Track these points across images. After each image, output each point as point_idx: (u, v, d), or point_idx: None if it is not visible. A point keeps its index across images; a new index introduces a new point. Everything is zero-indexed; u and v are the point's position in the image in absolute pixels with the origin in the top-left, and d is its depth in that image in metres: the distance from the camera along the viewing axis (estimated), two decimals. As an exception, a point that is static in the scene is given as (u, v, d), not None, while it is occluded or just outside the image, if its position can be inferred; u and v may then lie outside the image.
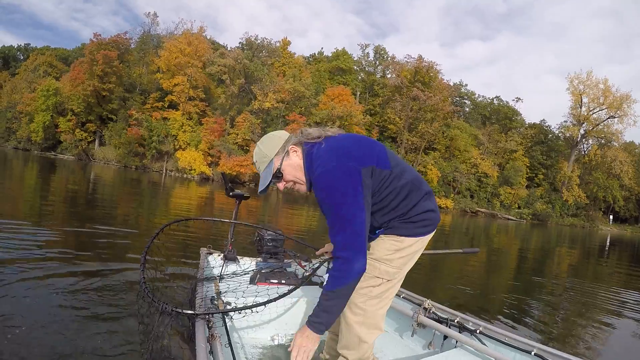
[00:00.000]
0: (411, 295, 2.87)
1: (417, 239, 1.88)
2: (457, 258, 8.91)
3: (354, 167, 1.69)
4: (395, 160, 1.87)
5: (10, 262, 4.21)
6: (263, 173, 1.89)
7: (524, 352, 2.19)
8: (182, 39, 44.48)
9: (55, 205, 9.71)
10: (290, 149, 1.87)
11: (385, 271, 1.88)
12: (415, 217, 1.84)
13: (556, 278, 8.76)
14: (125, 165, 42.17)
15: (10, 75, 59.51)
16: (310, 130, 1.88)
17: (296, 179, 1.89)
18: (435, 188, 44.66)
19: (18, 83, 54.48)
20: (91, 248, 5.30)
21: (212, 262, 3.58)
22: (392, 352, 2.65)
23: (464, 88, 60.77)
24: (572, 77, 52.06)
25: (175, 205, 14.27)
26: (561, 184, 52.28)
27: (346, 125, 41.00)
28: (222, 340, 1.94)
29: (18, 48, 74.16)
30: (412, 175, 1.88)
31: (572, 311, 5.63)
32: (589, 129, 52.58)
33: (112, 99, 45.82)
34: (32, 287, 3.53)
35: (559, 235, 29.32)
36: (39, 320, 2.90)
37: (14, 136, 51.75)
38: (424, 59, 47.09)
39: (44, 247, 5.07)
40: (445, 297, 5.47)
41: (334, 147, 1.78)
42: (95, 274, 4.13)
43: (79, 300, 3.38)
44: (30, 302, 3.22)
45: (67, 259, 4.63)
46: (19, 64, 64.47)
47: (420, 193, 1.86)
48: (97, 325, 2.95)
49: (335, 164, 1.69)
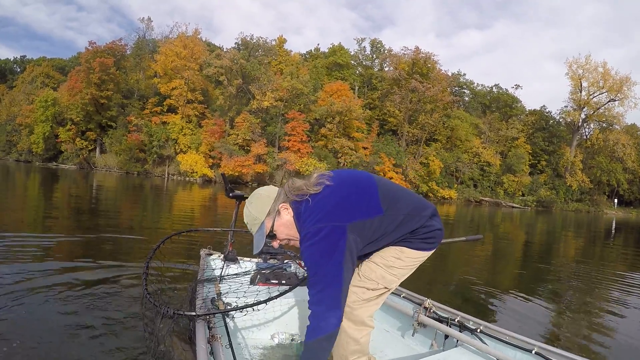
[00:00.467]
0: (411, 294, 2.86)
1: (419, 252, 1.90)
2: (462, 249, 8.84)
3: (336, 226, 1.69)
4: (390, 196, 1.85)
5: (13, 269, 4.24)
6: (256, 235, 1.90)
7: (524, 351, 2.19)
8: (178, 42, 44.39)
9: (59, 214, 9.73)
10: (281, 208, 1.87)
11: (382, 276, 1.89)
12: (423, 234, 1.87)
13: (561, 266, 8.63)
14: (127, 171, 42.12)
15: (8, 88, 59.49)
16: (298, 184, 1.85)
17: (290, 237, 1.91)
18: (438, 179, 44.65)
19: (16, 95, 54.50)
20: (95, 255, 5.28)
21: (212, 263, 3.60)
22: (393, 351, 2.65)
23: (462, 78, 60.44)
24: (570, 62, 51.87)
25: (178, 208, 14.25)
26: (564, 170, 52.10)
27: (346, 120, 40.94)
28: (223, 341, 1.94)
29: (14, 60, 74.16)
30: (410, 207, 1.86)
31: (577, 303, 5.51)
32: (589, 113, 52.41)
33: (110, 106, 45.72)
34: (36, 293, 3.56)
35: (564, 220, 29.27)
36: (41, 325, 2.94)
37: (15, 149, 51.73)
38: (421, 51, 46.97)
39: (48, 255, 5.09)
40: (449, 292, 5.42)
41: (320, 204, 1.77)
42: (99, 281, 4.15)
43: (82, 306, 3.40)
44: (33, 308, 3.25)
45: (70, 267, 4.63)
46: (16, 76, 64.57)
47: (421, 219, 1.87)
48: (99, 330, 2.97)
49: (319, 225, 1.70)
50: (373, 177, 1.93)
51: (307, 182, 1.84)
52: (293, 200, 1.84)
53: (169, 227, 9.05)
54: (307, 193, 1.80)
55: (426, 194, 43.89)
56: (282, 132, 40.54)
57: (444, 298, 4.61)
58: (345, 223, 1.70)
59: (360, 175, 1.95)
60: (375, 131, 46.55)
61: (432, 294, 3.56)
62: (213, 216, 12.37)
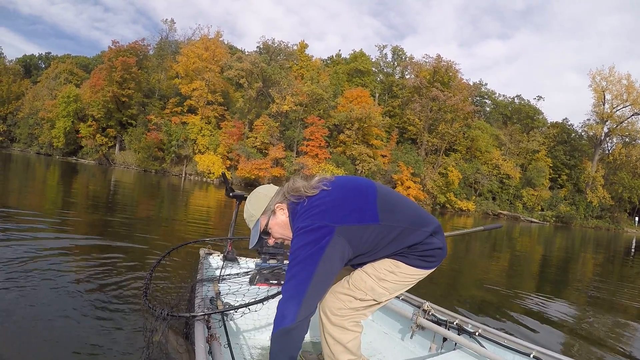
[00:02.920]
0: (410, 297, 2.83)
1: (416, 269, 1.85)
2: (480, 263, 8.95)
3: (325, 226, 1.67)
4: (389, 206, 1.80)
5: (25, 261, 4.35)
6: (252, 231, 1.95)
7: (523, 355, 2.19)
8: (199, 44, 44.75)
9: (76, 207, 10.12)
10: (277, 208, 1.89)
11: (371, 288, 1.85)
12: (421, 251, 1.82)
13: (578, 281, 8.61)
14: (145, 169, 42.54)
15: (32, 83, 60.43)
16: (298, 185, 1.85)
17: (284, 237, 1.93)
18: (456, 190, 43.90)
19: (40, 90, 55.39)
20: (108, 252, 5.37)
21: (211, 262, 3.61)
22: (391, 354, 2.66)
23: (484, 87, 59.50)
24: (594, 74, 50.47)
25: (194, 209, 14.43)
26: (585, 185, 50.86)
27: (365, 127, 40.63)
28: (222, 341, 1.95)
29: (39, 57, 75.59)
30: (410, 219, 1.81)
31: (593, 318, 5.39)
32: (612, 127, 50.98)
33: (131, 104, 46.41)
34: (44, 285, 3.66)
35: (583, 238, 28.60)
36: (43, 317, 3.02)
37: (37, 142, 52.66)
38: (443, 59, 46.37)
39: (63, 248, 5.20)
40: (468, 303, 5.37)
41: (313, 205, 1.76)
42: (108, 280, 4.17)
43: (87, 302, 3.47)
44: (38, 299, 3.34)
45: (82, 261, 4.74)
46: (41, 72, 65.72)
47: (421, 235, 1.81)
48: (101, 326, 3.03)
49: (308, 222, 1.70)
50: (374, 185, 1.88)
51: (306, 185, 1.84)
52: (290, 201, 1.85)
53: (183, 222, 9.53)
54: (304, 195, 1.81)
55: (444, 205, 43.28)
56: (300, 136, 40.41)
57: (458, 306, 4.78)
58: (335, 225, 1.68)
59: (361, 181, 1.92)
60: (394, 139, 46.00)
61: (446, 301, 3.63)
62: (228, 218, 12.28)
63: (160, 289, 3.61)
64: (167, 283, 4.04)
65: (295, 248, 1.70)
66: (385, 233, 1.75)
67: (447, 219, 30.57)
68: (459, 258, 9.27)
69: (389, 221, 1.75)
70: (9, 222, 6.38)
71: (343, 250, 1.69)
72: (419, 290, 2.66)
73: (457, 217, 36.30)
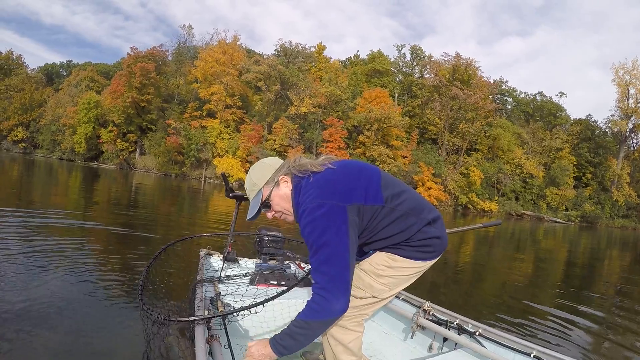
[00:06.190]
0: (410, 297, 2.83)
1: (413, 261, 1.81)
2: (501, 268, 8.78)
3: (337, 205, 1.64)
4: (393, 189, 1.78)
5: (42, 259, 4.40)
6: (252, 201, 1.90)
7: (523, 354, 2.18)
8: (217, 49, 45.16)
9: (98, 208, 10.35)
10: (281, 180, 1.85)
11: (370, 285, 1.83)
12: (417, 241, 1.78)
13: (605, 284, 8.23)
14: (165, 173, 42.97)
15: (54, 91, 61.66)
16: (304, 161, 1.85)
17: (284, 210, 1.88)
18: (478, 190, 43.15)
19: (61, 98, 56.45)
20: (124, 252, 5.40)
21: (212, 263, 3.60)
22: (392, 354, 2.64)
23: (504, 85, 58.43)
24: (617, 68, 49.36)
25: (213, 210, 14.60)
26: (610, 183, 49.59)
27: (385, 127, 40.25)
28: (222, 342, 1.95)
29: (61, 65, 77.39)
30: (411, 205, 1.78)
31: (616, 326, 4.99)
32: (637, 122, 49.61)
33: (150, 109, 47.11)
34: (50, 284, 3.66)
35: (609, 238, 27.82)
36: (46, 316, 3.00)
37: (59, 147, 53.65)
38: (462, 57, 45.68)
39: (79, 247, 5.28)
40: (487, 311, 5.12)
41: (320, 182, 1.73)
42: (120, 280, 4.16)
43: (95, 301, 3.45)
44: (47, 297, 3.33)
45: (95, 260, 4.76)
46: (62, 79, 67.03)
47: (420, 221, 1.78)
48: (106, 326, 3.01)
49: (319, 201, 1.65)
50: (378, 169, 1.88)
51: (312, 162, 1.83)
52: (295, 175, 1.82)
53: (202, 224, 9.57)
54: (309, 170, 1.79)
55: (466, 205, 42.57)
56: (319, 138, 40.25)
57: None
58: (345, 203, 1.65)
59: (365, 165, 1.90)
60: (414, 139, 45.51)
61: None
62: (242, 219, 12.19)
63: (165, 284, 3.54)
64: (170, 280, 4.02)
65: (319, 234, 1.62)
66: (385, 215, 1.73)
67: (469, 220, 29.88)
68: (478, 264, 8.92)
69: (392, 204, 1.74)
70: (33, 218, 6.73)
71: (358, 228, 1.70)
72: (437, 291, 2.55)
73: (479, 218, 35.60)
